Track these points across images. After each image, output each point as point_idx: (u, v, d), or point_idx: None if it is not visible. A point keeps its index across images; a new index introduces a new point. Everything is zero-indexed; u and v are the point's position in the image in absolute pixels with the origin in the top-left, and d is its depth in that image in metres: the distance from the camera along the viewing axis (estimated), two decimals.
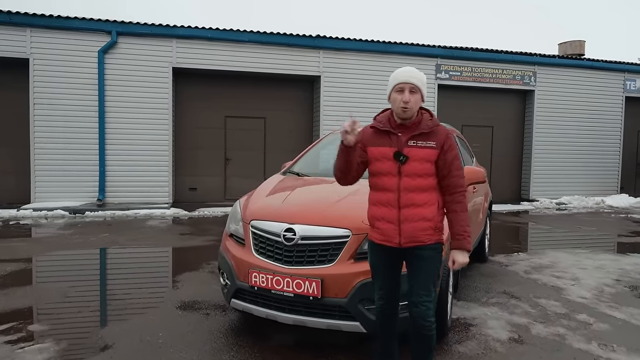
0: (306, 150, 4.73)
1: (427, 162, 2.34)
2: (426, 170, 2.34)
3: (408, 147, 2.35)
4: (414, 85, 2.34)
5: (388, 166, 2.37)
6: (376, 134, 2.47)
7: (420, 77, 2.38)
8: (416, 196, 2.33)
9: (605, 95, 13.51)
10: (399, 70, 2.42)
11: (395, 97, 2.38)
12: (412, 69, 2.40)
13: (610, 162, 13.68)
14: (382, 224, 2.39)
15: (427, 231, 2.33)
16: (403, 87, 2.34)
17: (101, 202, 10.26)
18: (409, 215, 2.33)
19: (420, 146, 2.34)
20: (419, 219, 2.32)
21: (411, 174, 2.33)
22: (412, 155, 2.33)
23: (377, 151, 2.43)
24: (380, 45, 11.73)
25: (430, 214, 2.34)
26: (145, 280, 4.87)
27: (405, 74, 2.38)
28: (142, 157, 10.59)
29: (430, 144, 2.35)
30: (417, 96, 2.36)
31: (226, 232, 3.65)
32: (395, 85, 2.38)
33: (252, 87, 11.65)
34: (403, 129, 2.40)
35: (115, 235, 7.21)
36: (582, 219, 9.84)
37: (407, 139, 2.36)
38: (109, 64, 10.34)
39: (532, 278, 4.91)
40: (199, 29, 10.74)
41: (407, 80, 2.35)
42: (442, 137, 2.37)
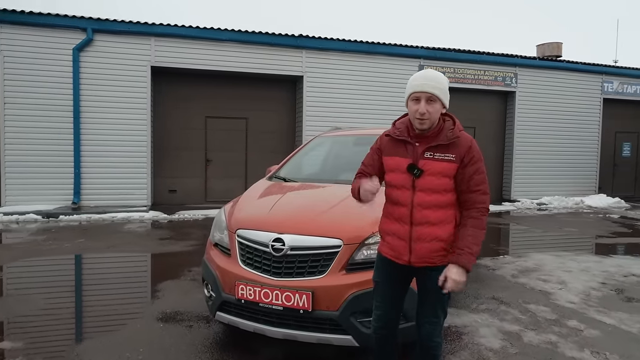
0: (292, 154, 4.59)
1: (444, 176, 2.12)
2: (444, 186, 2.13)
3: (424, 160, 2.14)
4: (431, 95, 2.11)
5: (402, 179, 2.18)
6: (393, 142, 2.28)
7: (439, 84, 2.13)
8: (431, 214, 2.13)
9: (583, 97, 13.76)
10: (415, 76, 2.19)
11: (410, 106, 2.18)
12: (429, 74, 2.15)
13: (588, 162, 13.94)
14: (393, 240, 2.23)
15: (439, 252, 2.15)
16: (419, 97, 2.13)
17: (76, 206, 9.92)
18: (422, 234, 2.14)
19: (438, 159, 2.13)
20: (432, 239, 2.14)
21: (426, 188, 2.13)
22: (428, 168, 2.13)
23: (392, 161, 2.25)
24: (363, 46, 11.66)
25: (445, 234, 2.15)
26: (124, 290, 4.66)
27: (421, 81, 2.13)
28: (120, 158, 10.28)
29: (448, 157, 2.12)
30: (436, 106, 2.13)
31: (210, 241, 3.49)
32: (411, 94, 2.17)
33: (234, 87, 11.44)
34: (421, 138, 2.19)
35: (91, 240, 6.94)
36: (563, 220, 9.97)
37: (424, 150, 2.15)
38: (84, 62, 10.00)
39: (520, 282, 4.89)
40: (178, 27, 10.48)
41: (423, 89, 2.11)
42: (463, 149, 2.14)
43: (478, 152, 2.17)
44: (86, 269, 5.62)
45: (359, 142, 4.50)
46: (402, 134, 2.23)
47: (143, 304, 4.21)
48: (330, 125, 11.06)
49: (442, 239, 2.14)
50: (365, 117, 11.58)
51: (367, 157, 2.42)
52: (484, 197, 2.16)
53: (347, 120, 11.25)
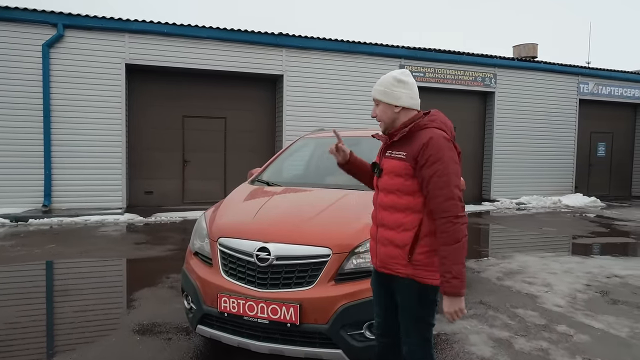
0: (275, 156, 4.43)
1: (397, 176, 1.99)
2: (397, 186, 1.98)
3: (385, 158, 2.12)
4: (374, 99, 2.15)
5: (374, 179, 2.20)
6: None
7: (380, 85, 2.11)
8: (387, 216, 2.03)
9: (560, 98, 13.99)
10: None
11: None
12: (380, 79, 2.16)
13: (565, 162, 14.19)
14: (371, 241, 2.21)
15: (395, 259, 1.98)
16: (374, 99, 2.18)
17: (47, 208, 9.52)
18: (382, 236, 2.07)
19: (392, 156, 2.05)
20: (389, 244, 2.02)
21: (383, 188, 2.08)
22: (385, 167, 2.08)
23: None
24: (344, 45, 11.55)
25: (401, 241, 1.96)
26: (98, 299, 4.42)
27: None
28: (93, 159, 9.92)
29: (399, 155, 2.00)
30: (380, 107, 2.11)
31: (190, 250, 3.30)
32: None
33: (212, 86, 11.18)
34: (390, 138, 2.13)
35: (62, 246, 6.63)
36: (542, 220, 10.08)
37: (384, 148, 2.15)
38: (54, 59, 9.60)
39: (506, 285, 4.85)
40: (153, 23, 10.16)
41: (372, 94, 2.17)
42: (417, 145, 1.92)
43: (439, 149, 1.87)
44: (57, 277, 5.33)
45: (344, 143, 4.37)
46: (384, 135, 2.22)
47: (118, 314, 3.99)
48: (310, 125, 11.01)
49: (397, 245, 1.97)
50: (347, 117, 11.49)
51: None
52: (447, 204, 1.83)
53: (328, 121, 11.13)
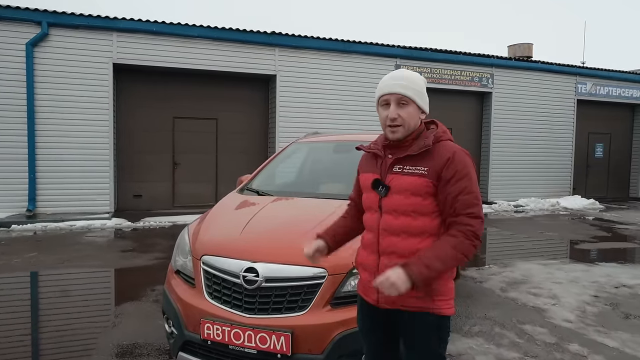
0: (266, 162, 4.14)
1: (414, 195, 1.70)
2: (414, 207, 1.70)
3: (392, 174, 1.76)
4: (402, 96, 1.74)
5: (370, 198, 1.84)
6: (368, 157, 1.95)
7: (411, 83, 1.75)
8: (399, 242, 1.72)
9: (558, 98, 13.80)
10: (385, 77, 1.83)
11: (380, 113, 1.82)
12: (400, 73, 1.78)
13: (563, 163, 14.01)
14: (363, 272, 1.87)
15: (411, 292, 1.66)
16: (388, 100, 1.76)
17: (31, 213, 9.18)
18: (389, 266, 1.68)
19: (407, 172, 1.73)
20: None
21: (392, 210, 1.74)
22: (395, 185, 1.74)
23: (364, 179, 1.91)
24: (339, 44, 11.28)
25: None
26: (76, 316, 4.12)
27: (390, 81, 1.77)
28: (80, 162, 9.58)
29: (418, 170, 1.71)
30: (409, 109, 1.75)
31: (172, 267, 3.02)
32: (379, 98, 1.81)
33: (203, 86, 10.86)
34: (394, 150, 1.81)
35: (44, 254, 6.31)
36: (542, 223, 9.86)
37: (393, 162, 1.78)
38: (39, 59, 9.26)
39: (510, 297, 4.60)
40: (142, 22, 9.84)
41: (392, 90, 1.74)
42: (440, 159, 1.70)
43: (465, 164, 1.71)
44: (35, 290, 5.01)
45: (340, 148, 4.11)
46: (375, 147, 1.89)
47: (97, 334, 3.69)
48: (304, 127, 10.74)
49: None
50: (341, 118, 11.23)
51: (354, 183, 2.12)
52: (473, 222, 1.66)
53: (322, 122, 10.87)
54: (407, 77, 1.77)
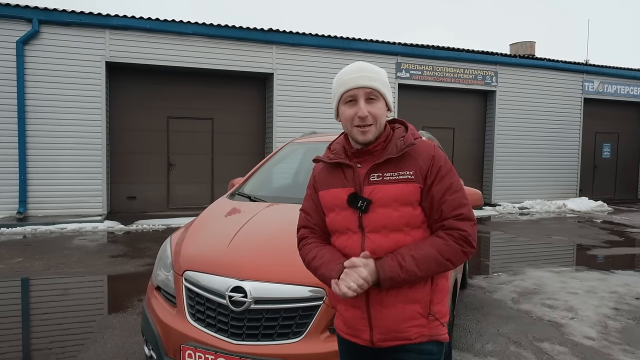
0: (259, 165, 3.82)
1: (403, 205, 1.44)
2: (406, 219, 1.44)
3: (370, 185, 1.47)
4: (372, 90, 1.48)
5: (344, 218, 1.49)
6: (327, 171, 1.60)
7: (378, 75, 1.51)
8: None
9: (564, 96, 13.48)
10: (344, 70, 1.53)
11: (344, 112, 1.51)
12: (363, 65, 1.53)
13: (569, 164, 13.68)
14: (346, 309, 1.53)
15: (414, 321, 1.45)
16: (355, 95, 1.48)
17: (22, 216, 8.91)
18: (382, 295, 1.44)
19: (390, 180, 1.45)
20: (400, 301, 1.44)
21: (380, 227, 1.44)
22: (378, 197, 1.44)
23: (328, 196, 1.55)
24: (338, 42, 10.98)
25: (418, 292, 1.45)
26: (55, 330, 3.81)
27: (354, 73, 1.49)
28: (71, 163, 9.32)
29: (404, 175, 1.45)
30: (379, 105, 1.49)
31: (152, 283, 2.70)
32: (343, 94, 1.50)
33: (198, 85, 10.57)
34: (363, 157, 1.52)
35: (30, 259, 6.02)
36: (549, 227, 9.53)
37: (368, 171, 1.48)
38: (29, 57, 9.00)
39: (524, 310, 4.27)
40: (135, 18, 9.56)
41: (359, 83, 1.47)
42: (423, 159, 1.47)
43: (445, 160, 1.51)
44: (14, 300, 4.70)
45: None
46: (338, 156, 1.56)
47: (76, 351, 3.37)
48: (302, 127, 10.43)
49: (416, 299, 1.45)
50: None
51: (306, 199, 1.68)
52: (463, 224, 1.43)
53: (321, 122, 10.57)
54: (373, 69, 1.51)
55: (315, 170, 1.65)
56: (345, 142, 1.57)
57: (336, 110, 1.55)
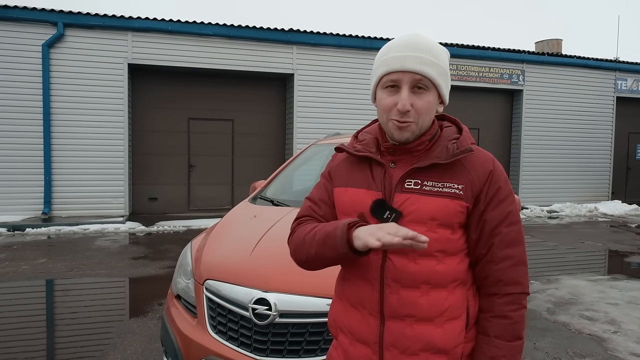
0: (282, 167, 3.69)
1: (443, 226, 1.13)
2: (442, 244, 1.13)
3: (404, 193, 1.15)
4: (421, 77, 1.13)
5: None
6: (350, 164, 1.27)
7: (435, 57, 1.14)
8: (420, 298, 1.13)
9: (595, 95, 13.00)
10: (391, 43, 1.19)
11: (382, 99, 1.18)
12: (418, 40, 1.15)
13: (601, 166, 13.18)
14: (349, 343, 1.21)
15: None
16: (398, 80, 1.14)
17: (47, 216, 9.03)
18: (402, 337, 1.13)
19: (430, 191, 1.14)
20: (422, 348, 1.13)
21: (408, 249, 1.12)
22: (411, 210, 1.14)
23: (346, 197, 1.23)
24: (359, 41, 10.81)
25: (448, 341, 1.14)
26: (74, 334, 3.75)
27: (403, 50, 1.14)
28: (95, 164, 9.41)
29: (450, 189, 1.14)
30: (428, 97, 1.15)
31: (172, 291, 2.59)
32: (382, 76, 1.17)
33: (219, 86, 10.55)
34: (400, 155, 1.20)
35: (53, 260, 6.05)
36: (581, 231, 9.15)
37: (404, 175, 1.17)
38: (55, 60, 9.14)
39: (561, 321, 4.03)
40: (157, 20, 9.59)
41: (406, 66, 1.12)
42: (478, 174, 1.16)
43: (506, 180, 1.19)
44: (34, 303, 4.68)
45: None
46: (366, 148, 1.23)
47: (93, 356, 3.30)
48: (323, 128, 10.30)
49: (443, 350, 1.13)
50: (363, 118, 10.73)
51: (318, 187, 1.36)
52: (519, 273, 1.15)
53: (342, 123, 10.42)
54: (430, 49, 1.14)
55: (334, 161, 1.32)
56: (379, 133, 1.25)
57: (373, 93, 1.22)
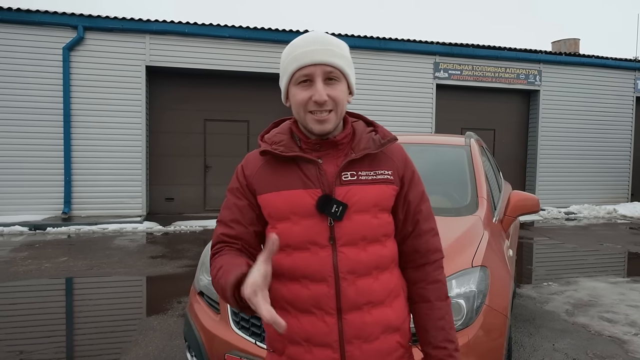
0: None
1: (382, 210, 1.20)
2: (384, 228, 1.20)
3: (344, 185, 1.18)
4: (333, 68, 1.17)
5: (306, 229, 1.16)
6: (272, 167, 1.23)
7: (340, 49, 1.20)
8: (373, 283, 1.17)
9: (614, 95, 12.79)
10: (296, 41, 1.21)
11: (296, 95, 1.18)
12: (322, 36, 1.20)
13: (620, 167, 12.96)
14: (304, 351, 1.17)
15: (396, 353, 1.20)
16: (310, 75, 1.16)
17: (67, 216, 9.21)
18: (363, 325, 1.16)
19: (366, 180, 1.19)
20: (382, 331, 1.18)
21: (357, 239, 1.16)
22: (355, 200, 1.17)
23: (279, 200, 1.19)
24: (375, 42, 10.82)
25: (398, 317, 1.21)
26: (95, 332, 3.84)
27: (310, 45, 1.17)
28: (113, 164, 9.57)
29: (383, 175, 1.21)
30: (340, 87, 1.19)
31: (194, 288, 2.65)
32: (295, 72, 1.18)
33: (234, 88, 10.65)
34: (325, 150, 1.22)
35: (75, 259, 6.18)
36: (599, 233, 9.03)
37: (339, 169, 1.19)
38: (75, 62, 9.32)
39: (580, 323, 4.00)
40: (174, 23, 9.73)
41: (316, 59, 1.15)
42: (399, 160, 1.26)
43: (413, 164, 1.32)
44: (58, 299, 4.81)
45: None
46: (289, 148, 1.21)
47: (117, 353, 3.39)
48: None
49: (396, 327, 1.20)
50: (378, 119, 10.72)
51: (227, 207, 1.28)
52: (436, 241, 1.29)
53: None
54: (334, 42, 1.19)
55: (248, 168, 1.25)
56: (296, 130, 1.25)
57: (285, 92, 1.22)
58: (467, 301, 2.05)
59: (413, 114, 11.17)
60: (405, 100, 11.06)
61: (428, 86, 11.26)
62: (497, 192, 3.63)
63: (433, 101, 11.34)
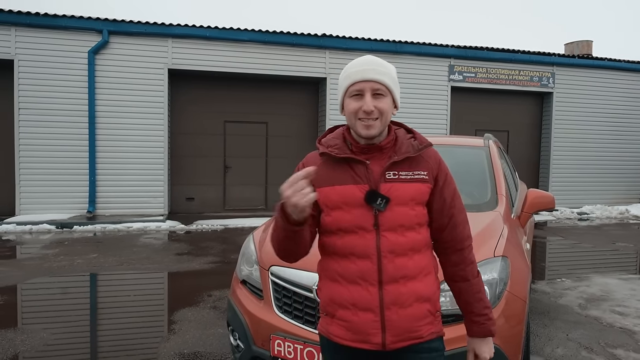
0: None
1: (418, 204, 1.47)
2: (419, 218, 1.47)
3: (387, 182, 1.44)
4: (379, 85, 1.44)
5: (356, 217, 1.43)
6: (329, 166, 1.50)
7: (387, 69, 1.47)
8: (408, 262, 1.44)
9: (627, 98, 12.85)
10: (351, 63, 1.50)
11: (349, 105, 1.46)
12: (372, 58, 1.49)
13: (633, 168, 13.02)
14: (351, 314, 1.44)
15: (426, 320, 1.46)
16: (362, 89, 1.44)
17: (91, 215, 9.53)
18: (399, 295, 1.42)
19: (405, 179, 1.45)
20: (415, 300, 1.44)
21: (397, 225, 1.43)
22: (396, 195, 1.43)
23: (334, 193, 1.46)
24: (390, 45, 11.03)
25: (428, 290, 1.47)
26: (135, 321, 4.13)
27: (362, 66, 1.45)
28: (136, 165, 9.87)
29: (419, 175, 1.47)
30: (386, 101, 1.45)
31: (236, 276, 2.91)
32: (349, 87, 1.46)
33: (253, 90, 10.93)
34: (370, 153, 1.48)
35: (104, 255, 6.47)
36: (612, 233, 9.15)
37: (383, 169, 1.45)
38: (99, 66, 9.63)
39: (592, 316, 4.19)
40: (196, 27, 10.02)
41: (366, 76, 1.43)
42: (433, 162, 1.52)
43: (447, 166, 1.58)
44: (96, 292, 5.10)
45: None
46: (343, 151, 1.49)
47: (157, 340, 3.66)
48: None
49: (427, 298, 1.46)
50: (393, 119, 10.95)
51: None
52: (468, 229, 1.57)
53: None
54: (382, 63, 1.48)
55: (309, 165, 1.46)
56: (347, 136, 1.52)
57: (341, 103, 1.51)
58: (490, 287, 2.27)
59: (428, 116, 11.35)
60: (421, 102, 11.24)
61: (443, 89, 11.44)
62: (515, 190, 3.85)
63: (448, 103, 11.52)
